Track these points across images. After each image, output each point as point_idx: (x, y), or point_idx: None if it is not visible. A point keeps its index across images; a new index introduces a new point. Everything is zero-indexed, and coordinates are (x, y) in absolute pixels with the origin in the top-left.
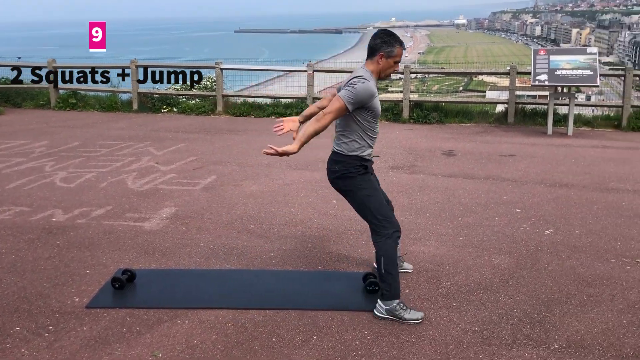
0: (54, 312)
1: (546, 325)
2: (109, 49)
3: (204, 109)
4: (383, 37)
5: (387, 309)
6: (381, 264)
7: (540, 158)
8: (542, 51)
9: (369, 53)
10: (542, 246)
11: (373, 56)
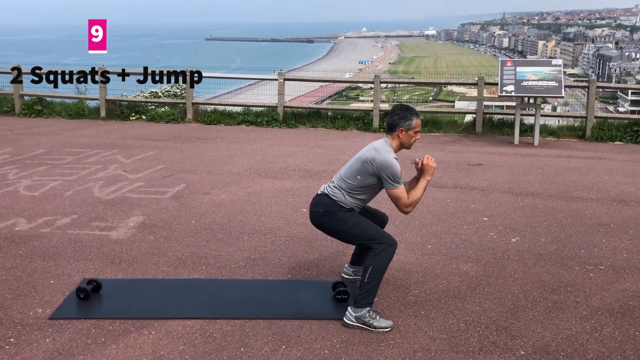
0: (16, 324)
1: (512, 332)
2: (76, 55)
3: (174, 116)
4: (399, 113)
5: (357, 316)
6: (367, 272)
7: (507, 167)
8: (509, 62)
9: (388, 129)
10: (508, 254)
11: (393, 132)
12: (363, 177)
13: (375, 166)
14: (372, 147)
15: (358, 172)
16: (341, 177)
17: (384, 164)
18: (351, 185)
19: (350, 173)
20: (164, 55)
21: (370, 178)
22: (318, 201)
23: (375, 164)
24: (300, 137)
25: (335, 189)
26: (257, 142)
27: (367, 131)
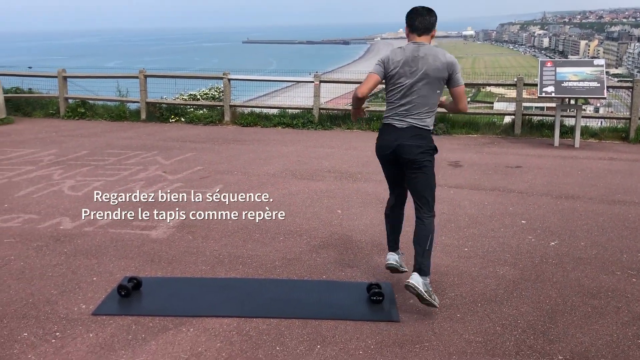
0: (61, 319)
1: (550, 337)
2: (118, 59)
3: (212, 118)
4: (434, 14)
5: (426, 283)
6: (428, 241)
7: (547, 170)
8: (548, 63)
9: (423, 30)
10: (547, 258)
11: (428, 33)
12: (440, 89)
13: (454, 68)
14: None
15: (438, 86)
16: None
17: (455, 61)
18: (434, 104)
19: (431, 93)
20: (203, 58)
21: (441, 87)
22: (416, 133)
23: (454, 65)
24: (335, 138)
25: (425, 118)
26: (292, 143)
27: None
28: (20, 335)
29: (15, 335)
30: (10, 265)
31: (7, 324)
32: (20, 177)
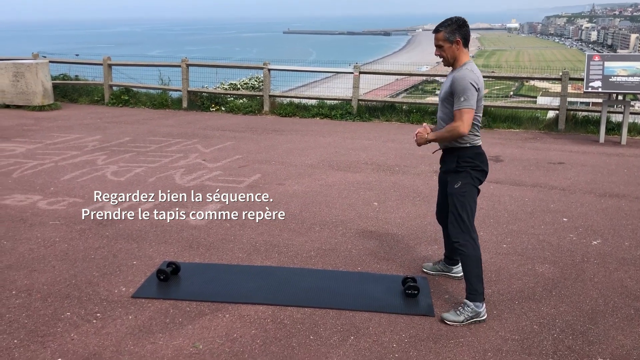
0: (102, 300)
1: (589, 338)
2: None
3: (251, 108)
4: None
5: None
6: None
7: (591, 167)
8: (596, 57)
9: (466, 43)
10: (588, 257)
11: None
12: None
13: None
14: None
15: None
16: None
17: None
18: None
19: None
20: (244, 48)
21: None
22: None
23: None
24: (373, 130)
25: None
26: (330, 135)
27: None
28: (64, 315)
29: (59, 314)
30: (55, 246)
31: (51, 303)
32: (65, 162)
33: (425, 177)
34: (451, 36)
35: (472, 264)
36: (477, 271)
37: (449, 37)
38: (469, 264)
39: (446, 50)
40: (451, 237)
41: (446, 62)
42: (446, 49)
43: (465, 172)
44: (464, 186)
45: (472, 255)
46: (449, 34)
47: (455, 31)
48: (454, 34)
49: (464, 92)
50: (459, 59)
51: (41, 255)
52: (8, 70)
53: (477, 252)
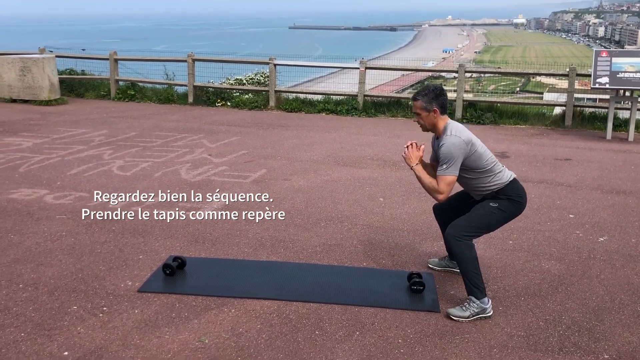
0: (108, 294)
1: (596, 335)
2: (166, 43)
3: (257, 103)
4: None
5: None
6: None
7: (598, 163)
8: (603, 53)
9: (443, 111)
10: (595, 253)
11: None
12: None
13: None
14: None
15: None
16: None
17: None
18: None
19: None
20: (249, 43)
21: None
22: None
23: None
24: (379, 126)
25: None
26: (336, 130)
27: None
28: (70, 308)
29: (65, 307)
30: (61, 240)
31: (58, 297)
32: (72, 156)
33: None
34: (428, 105)
35: (469, 262)
36: (474, 268)
37: (426, 106)
38: (464, 262)
39: (424, 118)
40: (450, 229)
41: (424, 128)
42: (424, 117)
43: (506, 200)
44: (498, 208)
45: (468, 254)
46: (427, 103)
47: (432, 100)
48: (431, 104)
49: (447, 160)
50: (437, 125)
51: (48, 249)
52: (15, 65)
53: (472, 252)
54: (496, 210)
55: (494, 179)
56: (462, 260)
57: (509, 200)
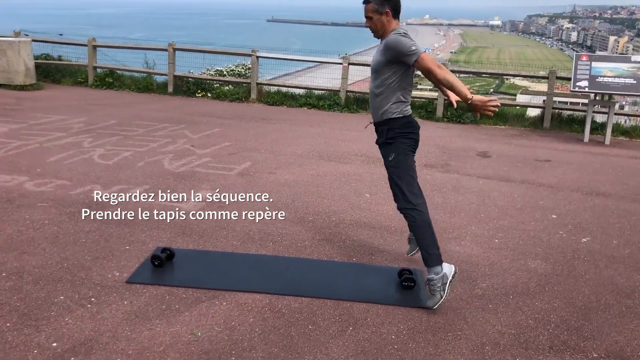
0: (96, 285)
1: (584, 334)
2: (142, 31)
3: (238, 95)
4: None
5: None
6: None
7: (577, 165)
8: (584, 57)
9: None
10: (578, 254)
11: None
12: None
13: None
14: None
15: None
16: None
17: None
18: None
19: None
20: (227, 34)
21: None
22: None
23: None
24: (362, 122)
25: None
26: (319, 125)
27: (430, 119)
28: (57, 298)
29: (52, 297)
30: (44, 229)
31: (43, 286)
32: (51, 143)
33: None
34: (380, 7)
35: (423, 228)
36: (429, 235)
37: (378, 8)
38: (418, 229)
39: (375, 21)
40: (398, 208)
41: (375, 33)
42: (375, 20)
43: (396, 142)
44: (397, 157)
45: (420, 220)
46: (378, 4)
47: (384, 2)
48: (383, 5)
49: (406, 45)
50: (388, 30)
51: (30, 238)
52: None
53: (424, 216)
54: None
55: (402, 101)
56: (416, 229)
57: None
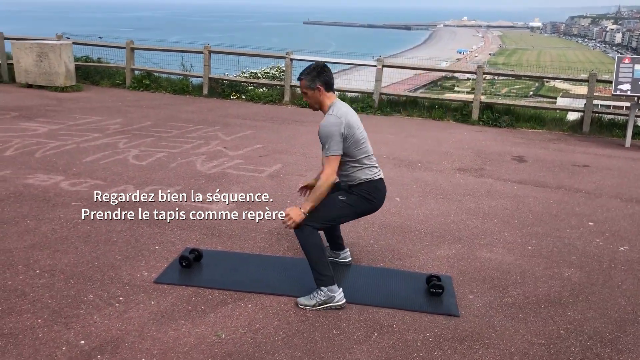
0: (125, 284)
1: (619, 346)
2: (180, 33)
3: (271, 97)
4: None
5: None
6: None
7: (617, 171)
8: (626, 59)
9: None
10: (616, 263)
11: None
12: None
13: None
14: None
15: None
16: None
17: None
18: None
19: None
20: (263, 37)
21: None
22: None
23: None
24: (395, 125)
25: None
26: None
27: (465, 123)
28: (87, 297)
29: (82, 296)
30: (77, 228)
31: (74, 285)
32: (87, 144)
33: (448, 175)
34: (312, 84)
35: (311, 249)
36: (321, 257)
37: (309, 84)
38: (307, 250)
39: (310, 96)
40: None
41: (312, 107)
42: (310, 95)
43: (356, 196)
44: (345, 202)
45: (311, 241)
46: (310, 82)
47: (315, 79)
48: (314, 82)
49: (326, 140)
50: (324, 103)
51: (64, 236)
52: (32, 51)
53: (315, 239)
54: (343, 204)
55: (358, 172)
56: (305, 248)
57: (359, 197)
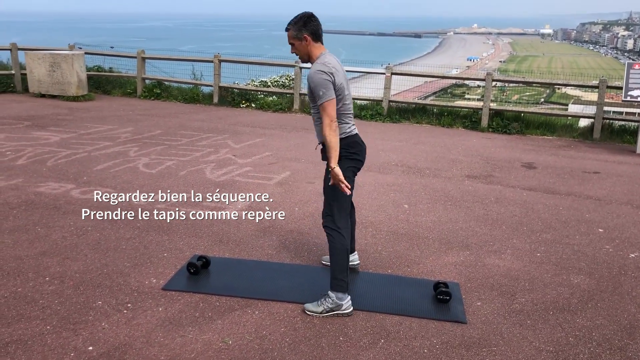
0: (133, 291)
1: (628, 354)
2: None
3: (281, 106)
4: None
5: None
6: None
7: (627, 177)
8: (636, 65)
9: (316, 38)
10: (626, 270)
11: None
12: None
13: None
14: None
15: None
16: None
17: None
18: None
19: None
20: (273, 45)
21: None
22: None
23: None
24: (404, 132)
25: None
26: (360, 135)
27: (474, 130)
28: (95, 303)
29: (90, 302)
30: (87, 235)
31: (83, 291)
32: (98, 152)
33: (457, 181)
34: (299, 34)
35: (337, 253)
36: (342, 261)
37: (297, 34)
38: (334, 253)
39: (297, 47)
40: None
41: (302, 59)
42: (297, 46)
43: (339, 163)
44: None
45: (338, 245)
46: (297, 31)
47: (302, 28)
48: (301, 31)
49: (318, 87)
50: (312, 53)
51: (74, 244)
52: (45, 61)
53: (343, 243)
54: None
55: (345, 122)
56: (332, 251)
57: (345, 160)
